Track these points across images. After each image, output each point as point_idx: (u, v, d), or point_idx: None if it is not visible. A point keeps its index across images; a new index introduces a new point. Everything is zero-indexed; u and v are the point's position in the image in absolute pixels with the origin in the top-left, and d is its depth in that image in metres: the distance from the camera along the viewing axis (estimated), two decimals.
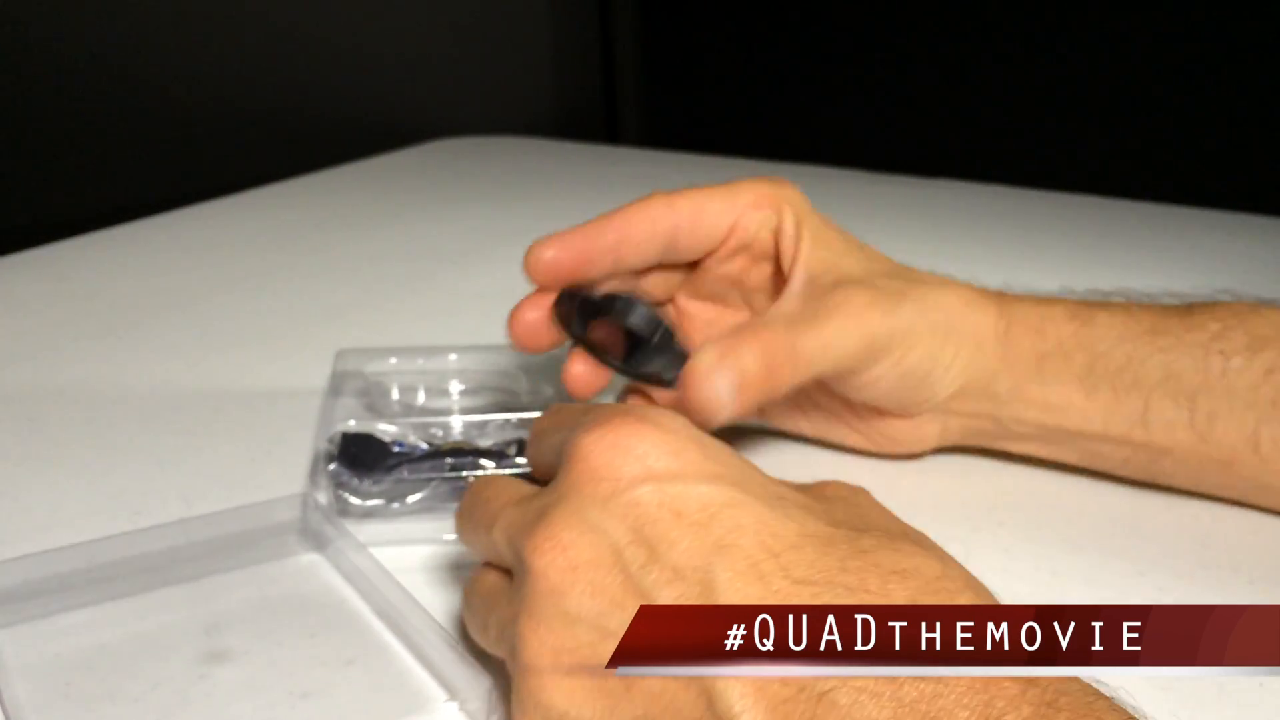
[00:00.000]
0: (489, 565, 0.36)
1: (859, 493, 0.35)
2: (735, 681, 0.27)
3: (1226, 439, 0.44)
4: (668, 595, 0.29)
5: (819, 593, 0.28)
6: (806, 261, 0.45)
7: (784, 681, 0.27)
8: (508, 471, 0.46)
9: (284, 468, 0.51)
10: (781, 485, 0.33)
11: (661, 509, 0.30)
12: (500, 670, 0.37)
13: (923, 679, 0.26)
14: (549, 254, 0.44)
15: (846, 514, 0.32)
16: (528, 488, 0.35)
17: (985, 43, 1.32)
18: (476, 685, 0.34)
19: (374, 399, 0.55)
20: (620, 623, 0.29)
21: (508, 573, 0.34)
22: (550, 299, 0.45)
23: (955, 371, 0.47)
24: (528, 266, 0.45)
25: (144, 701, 0.35)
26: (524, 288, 0.46)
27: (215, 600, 0.40)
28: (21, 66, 0.94)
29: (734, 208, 0.46)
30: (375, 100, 1.28)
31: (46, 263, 0.81)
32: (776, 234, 0.46)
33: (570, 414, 0.36)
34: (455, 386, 0.57)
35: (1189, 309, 0.46)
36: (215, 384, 0.60)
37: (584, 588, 0.29)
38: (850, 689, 0.26)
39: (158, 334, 0.68)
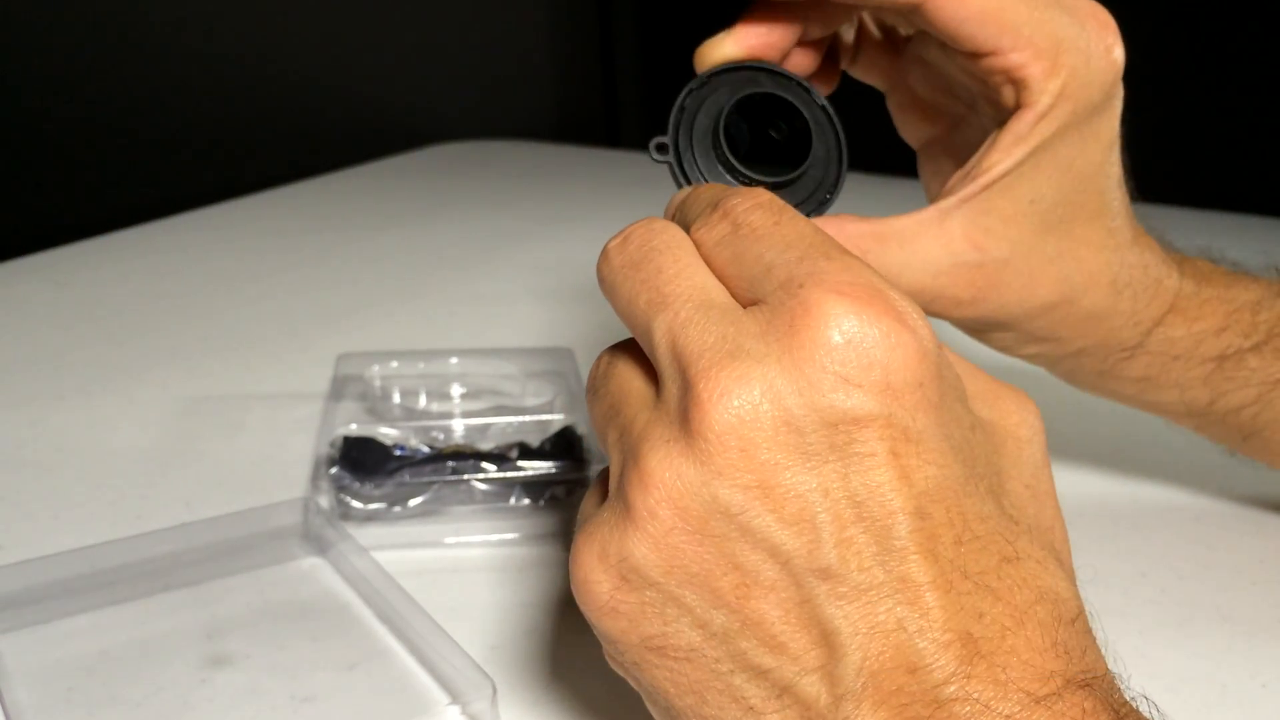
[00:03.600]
0: (629, 350, 0.29)
1: (1031, 442, 0.29)
2: (857, 650, 0.25)
3: None
4: (838, 535, 0.25)
5: (971, 590, 0.25)
6: (1008, 185, 0.36)
7: (908, 674, 0.25)
8: (509, 475, 0.46)
9: (285, 472, 0.51)
10: (969, 408, 0.28)
11: (881, 444, 0.25)
12: (501, 676, 0.37)
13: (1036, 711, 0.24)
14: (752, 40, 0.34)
15: (1010, 485, 0.28)
16: (714, 284, 0.28)
17: None
18: (479, 688, 0.34)
19: (375, 402, 0.55)
20: (764, 526, 0.25)
21: (651, 372, 0.28)
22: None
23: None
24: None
25: (146, 706, 0.35)
26: (525, 290, 0.46)
27: (217, 604, 0.40)
28: (21, 70, 0.94)
29: (1003, 37, 0.34)
30: (375, 105, 1.28)
31: (48, 268, 0.81)
32: (1012, 116, 0.35)
33: (787, 228, 0.28)
34: (456, 390, 0.57)
35: None
36: (217, 388, 0.60)
37: (746, 479, 0.25)
38: (969, 702, 0.24)
39: (159, 339, 0.68)
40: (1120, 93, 0.37)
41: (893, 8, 0.34)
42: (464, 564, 0.44)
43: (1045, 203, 0.37)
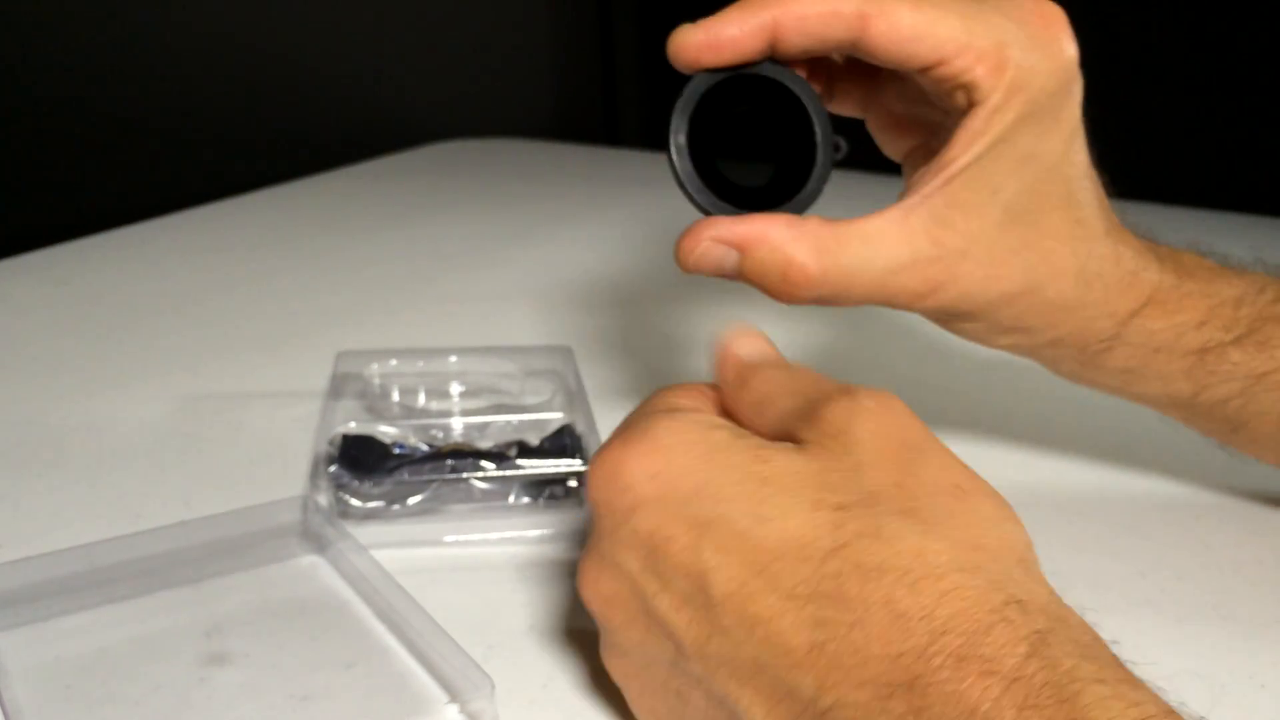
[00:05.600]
0: None
1: (878, 423, 0.30)
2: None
3: None
4: (680, 620, 0.29)
5: (802, 606, 0.27)
6: (969, 178, 0.37)
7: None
8: (508, 474, 0.46)
9: (284, 470, 0.51)
10: (767, 446, 0.30)
11: (654, 537, 0.30)
12: (501, 675, 0.37)
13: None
14: (700, 36, 0.37)
15: (849, 469, 0.29)
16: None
17: None
18: (478, 687, 0.34)
19: (374, 401, 0.55)
20: (660, 651, 0.30)
21: None
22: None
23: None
24: (676, 49, 0.37)
25: (144, 704, 0.35)
26: (525, 290, 0.46)
27: (216, 603, 0.40)
28: (20, 68, 0.94)
29: (943, 47, 0.36)
30: (375, 103, 1.28)
31: (47, 266, 0.81)
32: (967, 114, 0.37)
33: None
34: (455, 388, 0.57)
35: None
36: (216, 386, 0.60)
37: (621, 620, 0.31)
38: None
39: (158, 337, 0.68)
40: (1079, 84, 0.38)
41: (836, 48, 0.36)
42: (463, 563, 0.44)
43: (1008, 193, 0.38)
